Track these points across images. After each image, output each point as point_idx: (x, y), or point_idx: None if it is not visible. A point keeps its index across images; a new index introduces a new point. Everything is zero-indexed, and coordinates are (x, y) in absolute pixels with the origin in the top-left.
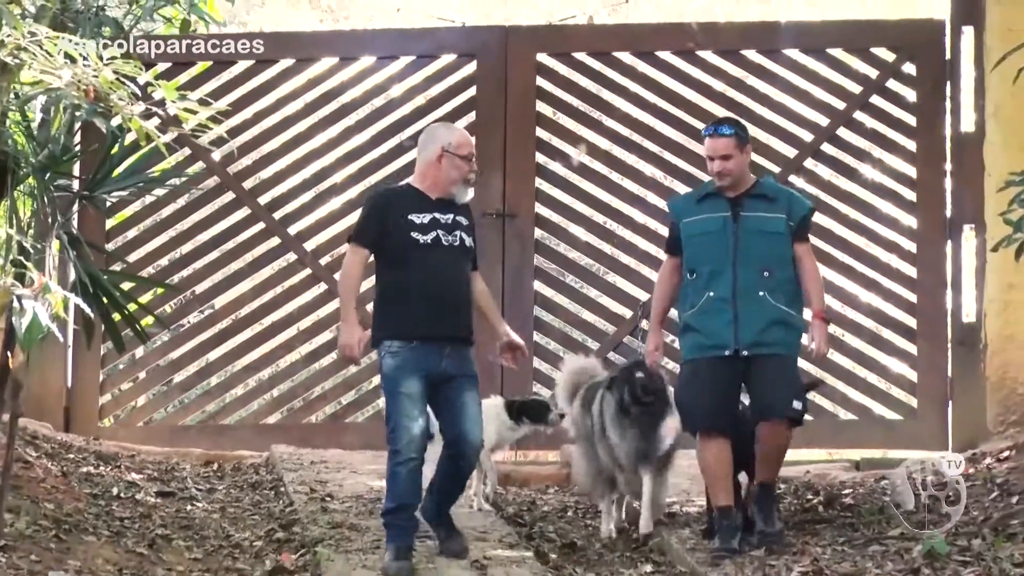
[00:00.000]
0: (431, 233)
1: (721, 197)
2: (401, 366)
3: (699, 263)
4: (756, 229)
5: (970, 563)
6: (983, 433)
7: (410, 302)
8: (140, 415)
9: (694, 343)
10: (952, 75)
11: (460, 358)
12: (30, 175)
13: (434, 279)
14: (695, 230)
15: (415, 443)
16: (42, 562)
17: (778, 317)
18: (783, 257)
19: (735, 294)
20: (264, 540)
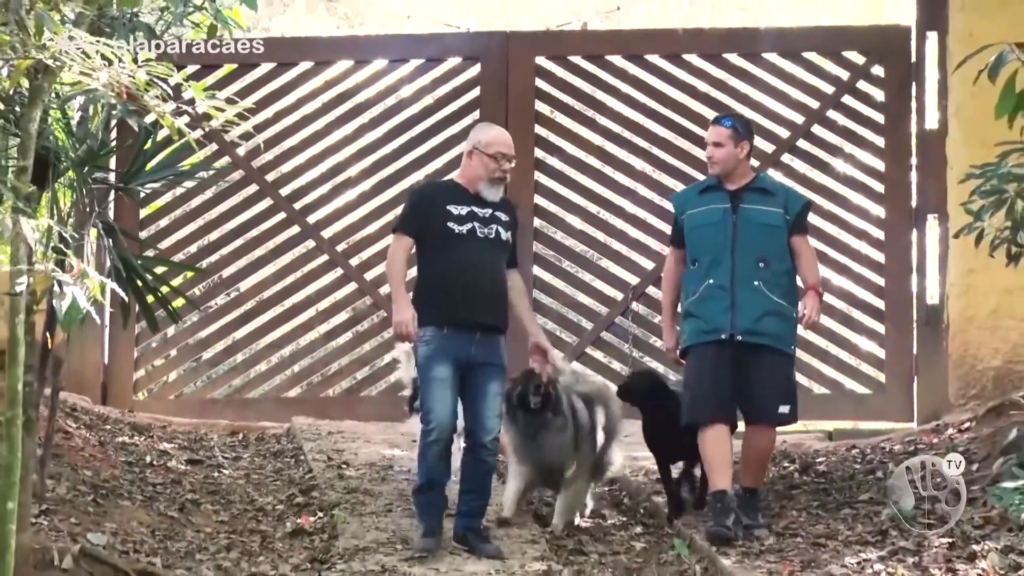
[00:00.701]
0: (467, 224)
1: (721, 190)
2: (433, 354)
3: (700, 253)
4: (754, 220)
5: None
6: (945, 406)
7: (443, 289)
8: (171, 389)
9: (693, 328)
10: (917, 77)
11: (489, 346)
12: (70, 168)
13: (467, 268)
14: (697, 221)
15: (445, 425)
16: (81, 525)
17: (773, 308)
18: (779, 249)
19: (733, 281)
20: (285, 504)
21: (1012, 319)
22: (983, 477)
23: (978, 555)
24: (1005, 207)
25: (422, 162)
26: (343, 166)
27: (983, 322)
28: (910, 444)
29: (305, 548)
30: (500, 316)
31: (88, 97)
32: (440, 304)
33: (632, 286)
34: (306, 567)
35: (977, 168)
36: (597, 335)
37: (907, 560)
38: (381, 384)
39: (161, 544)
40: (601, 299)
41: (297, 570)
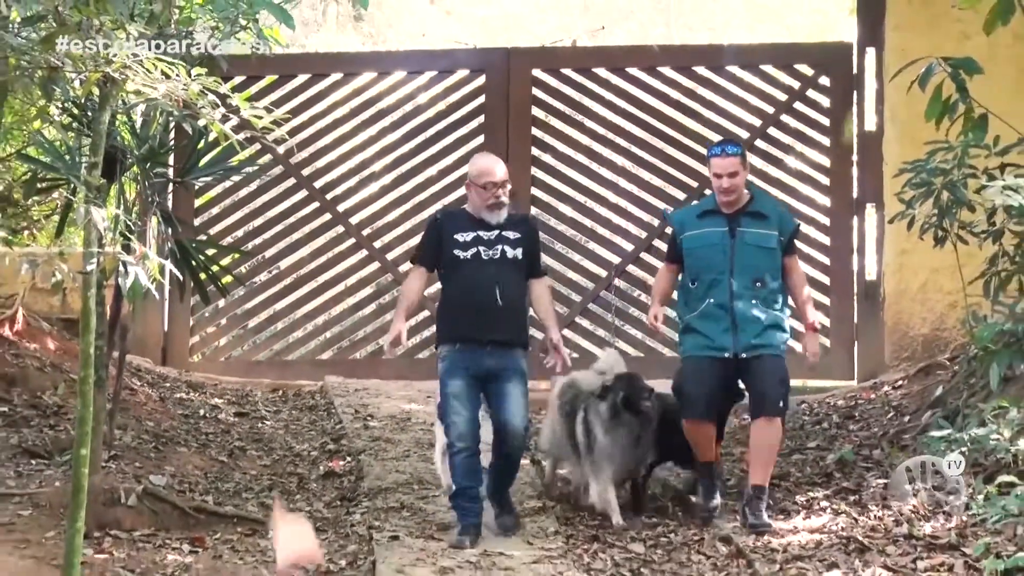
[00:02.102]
0: (471, 249)
1: (720, 214)
2: (448, 369)
3: (700, 273)
4: (751, 243)
5: (871, 468)
6: (881, 367)
7: (453, 310)
8: (221, 352)
9: (696, 343)
10: (858, 86)
11: (504, 356)
12: (134, 164)
13: (473, 290)
14: (696, 243)
15: (464, 435)
16: (144, 468)
17: (770, 321)
18: (774, 269)
19: (732, 300)
20: (319, 450)
21: (938, 293)
22: (913, 427)
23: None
24: (933, 197)
25: (435, 159)
26: (368, 162)
27: (914, 295)
28: (851, 399)
29: (335, 488)
30: (511, 330)
31: (149, 104)
32: (451, 324)
33: (615, 265)
34: (336, 504)
35: (909, 164)
36: (584, 306)
37: (848, 498)
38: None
39: (213, 485)
40: (588, 276)
41: (329, 507)
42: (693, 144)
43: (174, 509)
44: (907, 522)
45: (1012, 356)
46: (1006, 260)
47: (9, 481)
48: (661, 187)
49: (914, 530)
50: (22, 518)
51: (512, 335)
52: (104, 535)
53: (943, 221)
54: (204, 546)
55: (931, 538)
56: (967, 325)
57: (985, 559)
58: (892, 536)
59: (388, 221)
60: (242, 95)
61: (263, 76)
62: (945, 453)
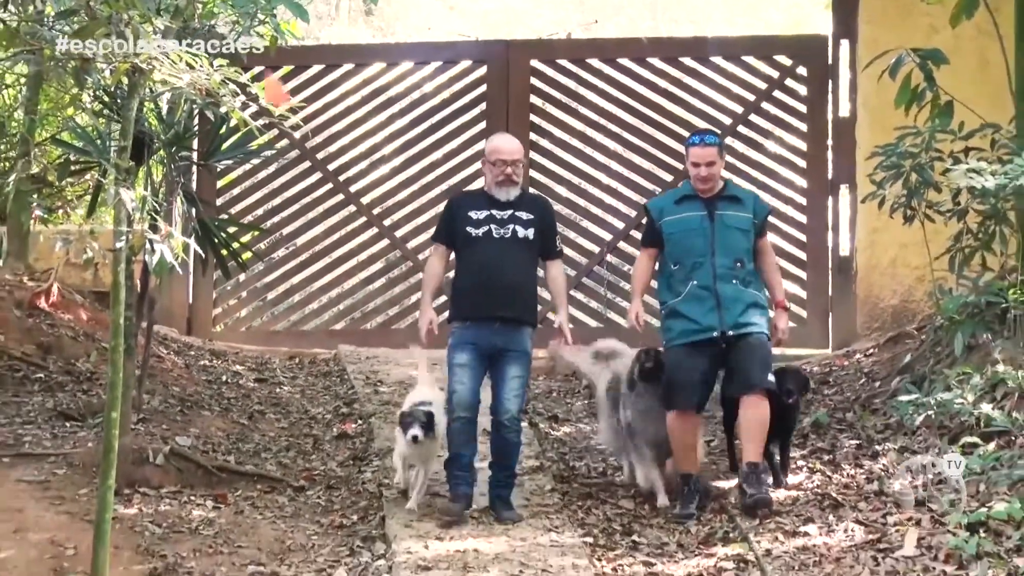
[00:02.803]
0: (483, 227)
1: (697, 199)
2: (456, 344)
3: (682, 256)
4: (729, 225)
5: (844, 430)
6: (854, 336)
7: (464, 287)
8: (242, 323)
9: (682, 328)
10: (833, 76)
11: (510, 335)
12: (161, 148)
13: (484, 267)
14: (676, 228)
15: (464, 403)
16: (170, 430)
17: (752, 300)
18: (750, 250)
19: (715, 281)
20: (332, 414)
21: (907, 268)
22: (883, 392)
23: (880, 453)
24: (902, 178)
25: (440, 143)
26: (378, 147)
27: (884, 270)
28: (826, 366)
29: (348, 448)
30: (519, 308)
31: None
32: (462, 300)
33: (607, 241)
34: (349, 463)
35: (880, 148)
36: (579, 280)
37: (823, 458)
38: (408, 318)
39: (234, 445)
40: (582, 252)
41: (341, 466)
42: (679, 129)
43: (198, 468)
44: (878, 480)
45: (975, 326)
46: (970, 237)
47: (45, 442)
48: (650, 169)
49: (884, 488)
50: (57, 476)
51: (520, 313)
52: (133, 492)
53: (911, 201)
54: (226, 502)
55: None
56: (933, 297)
57: (950, 514)
58: (864, 493)
59: (397, 201)
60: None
61: (279, 67)
62: (913, 417)
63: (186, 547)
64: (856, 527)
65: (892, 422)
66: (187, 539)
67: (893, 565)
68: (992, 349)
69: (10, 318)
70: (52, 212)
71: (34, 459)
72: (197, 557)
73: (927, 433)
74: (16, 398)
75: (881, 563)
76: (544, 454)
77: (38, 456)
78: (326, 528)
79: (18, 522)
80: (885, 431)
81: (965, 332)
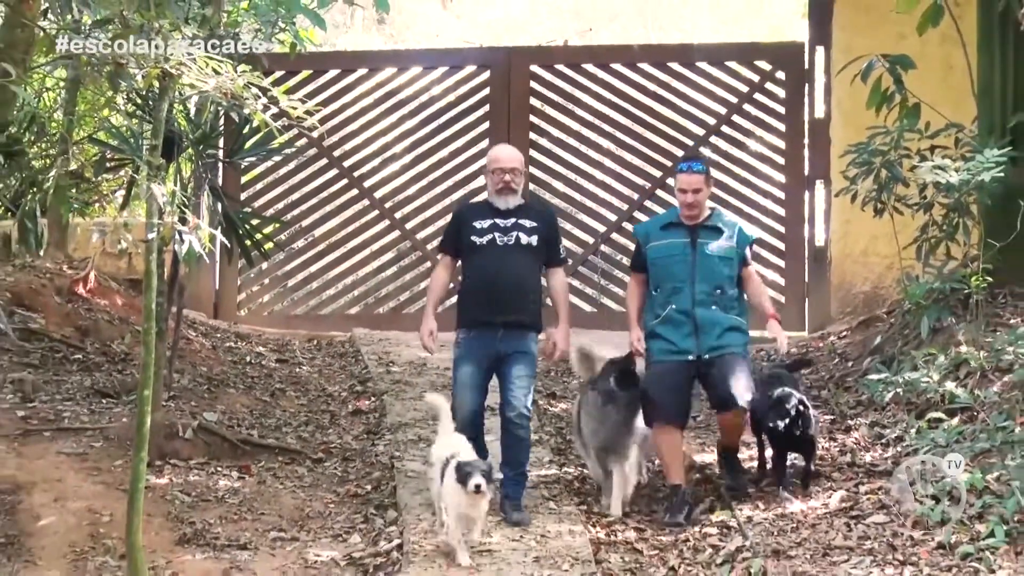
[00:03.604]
0: (487, 236)
1: (682, 226)
2: (460, 356)
3: (663, 280)
4: (711, 254)
5: (820, 407)
6: (828, 320)
7: (469, 294)
8: (265, 307)
9: (662, 348)
10: (809, 79)
11: (515, 339)
12: (189, 147)
13: (487, 274)
14: (660, 253)
15: (466, 421)
16: (199, 406)
17: (730, 324)
18: (732, 278)
19: (693, 307)
20: (348, 391)
21: (877, 256)
22: (856, 371)
23: (852, 428)
24: (873, 174)
25: (447, 142)
26: (389, 145)
27: (856, 258)
28: (802, 347)
29: (362, 423)
30: (523, 313)
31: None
32: (466, 309)
33: (600, 233)
34: (363, 437)
35: (852, 146)
36: (575, 269)
37: None
38: (418, 303)
39: (257, 420)
40: (577, 242)
41: (356, 439)
42: (668, 129)
43: (224, 441)
44: (850, 452)
45: (940, 310)
46: (935, 229)
47: (83, 417)
48: (640, 166)
49: (856, 459)
50: (94, 449)
51: (524, 317)
52: (164, 464)
53: (881, 195)
54: (250, 473)
55: (871, 466)
56: (902, 284)
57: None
58: (837, 464)
59: (407, 195)
60: (281, 88)
61: (299, 71)
62: (883, 394)
63: (213, 514)
64: (831, 496)
65: (863, 399)
66: (214, 507)
67: (864, 530)
68: (955, 332)
69: (51, 303)
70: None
71: (73, 433)
72: (223, 523)
73: (895, 409)
74: (56, 377)
75: (854, 528)
76: (543, 428)
77: (76, 430)
78: (342, 497)
79: (58, 491)
80: (857, 407)
81: (931, 316)
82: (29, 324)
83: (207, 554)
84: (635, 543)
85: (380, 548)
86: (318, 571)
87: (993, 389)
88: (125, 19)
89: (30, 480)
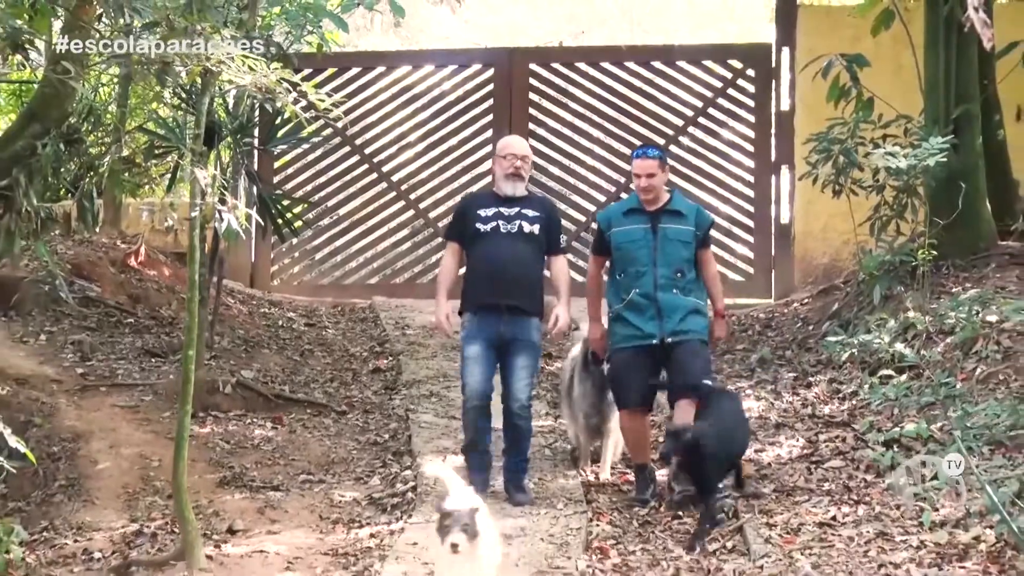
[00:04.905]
0: (491, 223)
1: (643, 212)
2: (468, 336)
3: (627, 265)
4: (671, 238)
5: (784, 365)
6: (792, 289)
7: (474, 279)
8: (295, 278)
9: (625, 334)
10: (776, 76)
11: (518, 325)
12: (228, 136)
13: (491, 260)
14: (622, 239)
15: (474, 392)
16: (237, 365)
17: (692, 307)
18: (691, 260)
19: (655, 290)
20: (368, 352)
21: (835, 232)
22: (816, 334)
23: (813, 384)
24: (831, 160)
25: (456, 132)
26: (405, 134)
27: (817, 235)
28: (769, 313)
29: (381, 380)
30: (525, 298)
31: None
32: (471, 292)
33: (591, 212)
34: (381, 392)
35: (814, 135)
36: (569, 244)
37: (767, 387)
38: (430, 274)
39: (288, 377)
40: (572, 221)
41: (375, 394)
42: (651, 120)
43: (259, 396)
44: (811, 406)
45: (890, 280)
46: (886, 208)
47: (135, 374)
48: (626, 153)
49: (816, 412)
50: (144, 402)
51: (526, 303)
52: (206, 415)
53: (839, 178)
54: (282, 424)
55: (829, 417)
56: (857, 257)
57: (869, 433)
58: (800, 416)
59: (420, 179)
60: (309, 84)
61: (325, 69)
62: (840, 354)
63: (249, 460)
64: (794, 443)
65: (823, 358)
66: (250, 453)
67: (823, 474)
68: (904, 299)
69: (106, 274)
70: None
71: (126, 388)
72: (258, 468)
73: (851, 367)
74: (111, 339)
75: (814, 472)
76: (540, 384)
77: (129, 386)
78: (363, 445)
79: (113, 439)
80: (817, 366)
81: (882, 285)
82: (87, 292)
83: (244, 494)
84: (621, 486)
85: (396, 489)
86: (342, 509)
87: (937, 349)
88: (171, 22)
89: (88, 430)
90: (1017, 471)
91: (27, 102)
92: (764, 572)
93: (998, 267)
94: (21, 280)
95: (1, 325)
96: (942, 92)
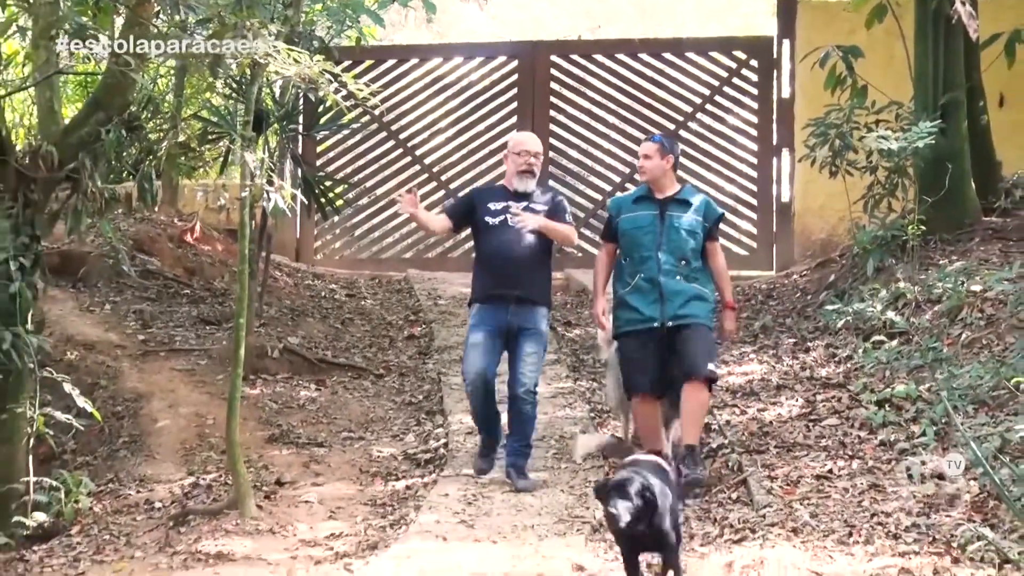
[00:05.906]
0: (500, 216)
1: (652, 199)
2: (473, 325)
3: (633, 250)
4: (678, 226)
5: (784, 332)
6: (792, 262)
7: (481, 271)
8: (336, 252)
9: (627, 318)
10: (777, 67)
11: (525, 315)
12: (275, 122)
13: (498, 252)
14: (630, 225)
15: (475, 376)
16: (283, 332)
17: (695, 294)
18: (697, 250)
19: (659, 275)
20: (403, 320)
21: (832, 210)
22: (814, 303)
23: (811, 349)
24: (828, 143)
25: (483, 119)
26: (436, 121)
27: (815, 212)
28: (771, 284)
29: (415, 346)
30: (533, 288)
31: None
32: (480, 282)
33: (607, 192)
34: (416, 357)
35: (812, 121)
36: (586, 221)
37: (769, 352)
38: (460, 249)
39: (331, 344)
40: (588, 199)
41: (410, 359)
42: (662, 107)
43: (304, 360)
44: (809, 368)
45: (882, 254)
46: (879, 187)
47: (191, 341)
48: (639, 137)
49: (814, 374)
50: (200, 366)
51: (533, 293)
52: (256, 378)
53: (835, 160)
54: (325, 386)
55: (826, 379)
56: (852, 232)
57: (863, 393)
58: (799, 378)
59: (450, 162)
60: (349, 75)
61: (363, 61)
62: (836, 321)
63: (295, 418)
64: (793, 403)
65: (820, 325)
66: (296, 412)
67: (821, 431)
68: (895, 270)
69: (164, 249)
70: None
71: (183, 353)
72: (304, 425)
73: (846, 333)
74: (169, 308)
75: (812, 429)
76: (560, 350)
77: (186, 351)
78: (399, 405)
79: (171, 400)
80: (815, 332)
81: (875, 258)
82: (147, 266)
83: (291, 450)
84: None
85: (429, 446)
86: (380, 464)
87: (925, 317)
88: (222, 19)
89: (149, 391)
90: (999, 428)
91: (92, 92)
92: (766, 520)
93: (982, 241)
94: (88, 255)
95: (69, 296)
96: (931, 80)
